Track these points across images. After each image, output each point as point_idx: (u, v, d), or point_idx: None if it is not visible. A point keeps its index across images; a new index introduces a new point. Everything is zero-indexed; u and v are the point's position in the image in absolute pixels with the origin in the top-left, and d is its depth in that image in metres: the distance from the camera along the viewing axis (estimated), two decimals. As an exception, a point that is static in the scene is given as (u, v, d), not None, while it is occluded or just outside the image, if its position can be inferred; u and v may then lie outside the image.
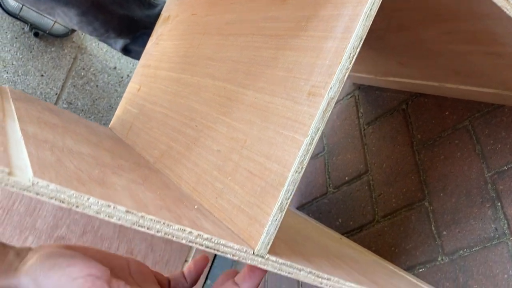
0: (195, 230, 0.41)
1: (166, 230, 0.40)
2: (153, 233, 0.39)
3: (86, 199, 0.36)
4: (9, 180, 0.33)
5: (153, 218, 0.39)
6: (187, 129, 0.65)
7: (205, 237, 0.42)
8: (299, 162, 0.44)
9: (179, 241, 0.40)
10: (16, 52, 1.31)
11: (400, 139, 1.01)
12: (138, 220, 0.38)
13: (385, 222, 0.96)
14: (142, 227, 0.39)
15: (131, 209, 0.38)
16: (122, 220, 0.38)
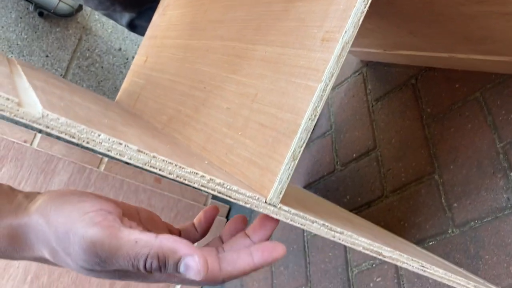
0: (207, 175, 0.40)
1: (178, 172, 0.39)
2: (165, 175, 0.38)
3: (97, 135, 0.35)
4: (18, 110, 0.33)
5: (165, 159, 0.38)
6: (196, 91, 0.64)
7: (218, 181, 0.41)
8: (313, 109, 0.43)
9: (192, 185, 0.39)
10: (21, 33, 1.30)
11: (409, 114, 1.00)
12: (150, 160, 0.37)
13: (394, 197, 0.95)
14: (154, 168, 0.38)
15: (143, 149, 0.37)
16: (133, 159, 0.37)
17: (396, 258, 0.52)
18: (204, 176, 0.40)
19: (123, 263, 0.33)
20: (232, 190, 0.41)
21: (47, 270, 1.22)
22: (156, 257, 0.33)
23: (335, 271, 1.01)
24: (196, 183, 0.40)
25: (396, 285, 0.88)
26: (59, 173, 1.23)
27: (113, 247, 0.33)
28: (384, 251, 0.51)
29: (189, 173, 0.39)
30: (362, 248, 0.50)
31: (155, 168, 0.38)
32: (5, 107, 0.32)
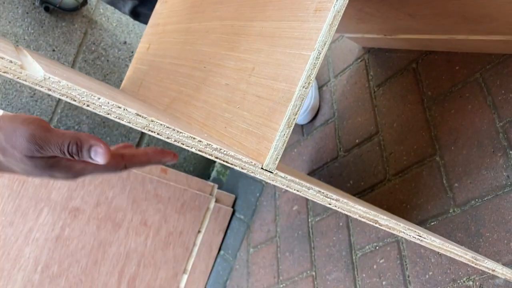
0: (204, 140, 0.42)
1: (176, 136, 0.40)
2: (164, 139, 0.40)
3: (96, 98, 0.37)
4: (21, 72, 0.34)
5: (164, 124, 0.40)
6: (196, 72, 0.66)
7: (215, 147, 0.42)
8: (306, 76, 0.44)
9: (189, 149, 0.41)
10: (28, 27, 1.33)
11: (410, 98, 1.00)
12: (148, 124, 0.39)
13: (396, 180, 0.96)
14: (152, 132, 0.39)
15: (142, 113, 0.39)
16: (132, 122, 0.38)
17: (393, 226, 0.53)
18: (201, 141, 0.41)
19: (54, 149, 0.44)
20: (228, 155, 0.43)
21: (57, 259, 1.25)
22: (75, 143, 0.44)
23: (339, 254, 1.02)
24: (194, 147, 0.41)
25: (399, 266, 0.89)
26: (67, 164, 1.25)
27: (47, 136, 0.44)
28: (380, 219, 0.52)
29: (187, 138, 0.41)
30: (358, 215, 0.51)
31: (153, 132, 0.39)
32: (9, 69, 0.34)
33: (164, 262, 1.34)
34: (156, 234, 1.32)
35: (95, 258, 1.28)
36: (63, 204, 1.25)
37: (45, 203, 1.24)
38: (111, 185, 1.28)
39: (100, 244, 1.28)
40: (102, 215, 1.28)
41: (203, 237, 1.35)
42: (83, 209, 1.27)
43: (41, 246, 1.24)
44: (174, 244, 1.34)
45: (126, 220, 1.30)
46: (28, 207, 1.23)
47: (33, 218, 1.23)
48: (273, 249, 1.19)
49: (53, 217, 1.24)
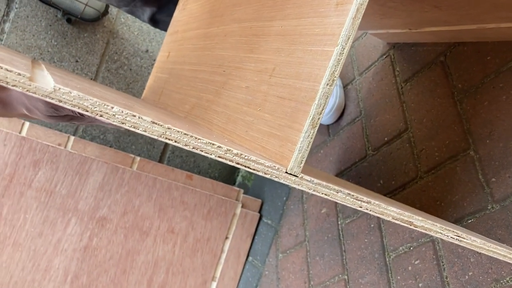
0: (224, 145, 0.40)
1: (194, 143, 0.38)
2: (182, 146, 0.38)
3: (110, 107, 0.35)
4: (30, 85, 0.33)
5: (181, 130, 0.38)
6: (216, 76, 0.64)
7: (235, 152, 0.40)
8: (330, 73, 0.42)
9: (208, 155, 0.39)
10: (51, 39, 1.34)
11: (440, 92, 0.97)
12: (164, 131, 0.37)
13: (429, 177, 0.92)
14: (169, 139, 0.38)
15: (158, 121, 0.37)
16: (148, 131, 0.37)
17: (429, 227, 0.51)
18: (220, 147, 0.40)
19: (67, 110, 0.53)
20: (250, 160, 0.41)
21: (86, 270, 1.25)
22: None
23: (371, 257, 0.99)
24: (213, 154, 0.39)
25: (435, 266, 0.85)
26: (93, 174, 1.25)
27: None
28: (415, 220, 0.50)
29: (205, 144, 0.39)
30: (391, 218, 0.48)
31: (170, 140, 0.38)
32: (17, 82, 0.32)
33: (193, 270, 1.33)
34: (183, 241, 1.31)
35: (124, 267, 1.28)
36: (90, 213, 1.25)
37: (73, 213, 1.24)
38: (137, 193, 1.28)
39: (128, 253, 1.28)
40: (130, 224, 1.28)
41: (231, 243, 1.34)
42: (110, 218, 1.27)
43: (70, 256, 1.24)
44: (202, 251, 1.33)
45: (153, 228, 1.30)
46: (56, 217, 1.23)
47: (61, 229, 1.24)
48: (302, 253, 1.17)
49: (80, 227, 1.25)
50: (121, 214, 1.28)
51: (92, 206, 1.26)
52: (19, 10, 1.30)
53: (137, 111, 0.38)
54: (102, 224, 1.26)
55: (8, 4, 1.31)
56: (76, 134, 1.40)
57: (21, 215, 1.21)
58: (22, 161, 1.21)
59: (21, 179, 1.21)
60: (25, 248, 1.22)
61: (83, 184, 1.25)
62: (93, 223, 1.26)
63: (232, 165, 0.40)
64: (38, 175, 1.22)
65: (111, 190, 1.27)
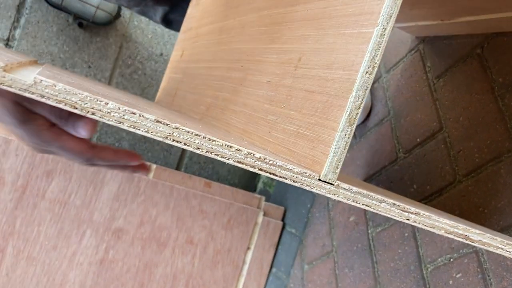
0: (244, 148, 0.33)
1: (208, 146, 0.32)
2: (192, 150, 0.31)
3: (103, 103, 0.29)
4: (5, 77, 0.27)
5: (191, 131, 0.31)
6: (233, 72, 0.58)
7: (258, 156, 0.33)
8: (369, 59, 0.35)
9: (225, 160, 0.32)
10: (63, 45, 1.30)
11: (477, 87, 0.88)
12: (171, 132, 0.31)
13: (469, 180, 0.84)
14: (178, 142, 0.31)
15: (163, 119, 0.31)
16: (151, 131, 0.30)
17: (487, 242, 0.43)
18: (240, 150, 0.33)
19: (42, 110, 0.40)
20: (275, 165, 0.34)
21: (103, 284, 1.19)
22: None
23: (406, 269, 0.91)
24: (232, 158, 0.32)
25: (481, 281, 0.77)
26: (107, 183, 1.20)
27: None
28: (472, 234, 0.42)
29: (222, 147, 0.32)
30: (444, 231, 0.41)
31: (179, 142, 0.31)
32: (-13, 73, 0.26)
33: (214, 282, 1.26)
34: (203, 252, 1.25)
35: (141, 280, 1.22)
36: (105, 225, 1.20)
37: (88, 225, 1.19)
38: (154, 202, 1.22)
39: (145, 265, 1.22)
40: (147, 235, 1.22)
41: (253, 254, 1.27)
42: (126, 230, 1.21)
43: (86, 270, 1.19)
44: (222, 262, 1.26)
45: (171, 239, 1.23)
46: (70, 230, 1.18)
47: (76, 241, 1.18)
48: (330, 265, 1.09)
49: (96, 240, 1.19)
50: (138, 225, 1.22)
51: (108, 217, 1.20)
52: (29, 16, 1.26)
53: (138, 108, 0.31)
54: (118, 235, 1.20)
55: (18, 10, 1.27)
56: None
57: (35, 228, 1.17)
58: (35, 171, 1.17)
59: (34, 190, 1.17)
60: (39, 262, 1.17)
61: (97, 194, 1.20)
62: (109, 234, 1.20)
63: (254, 171, 0.33)
64: (51, 185, 1.17)
65: (126, 200, 1.21)
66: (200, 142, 0.31)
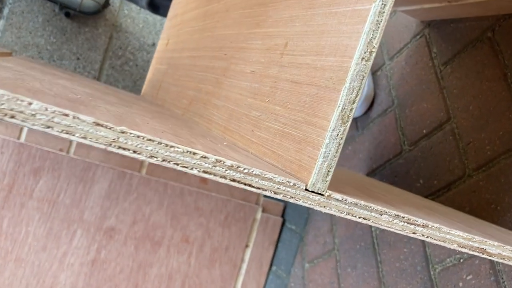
0: (212, 155, 0.27)
1: (164, 154, 0.26)
2: (144, 159, 0.25)
3: (26, 104, 0.23)
4: None
5: (141, 135, 0.25)
6: (216, 62, 0.51)
7: (229, 164, 0.27)
8: (366, 42, 0.29)
9: (188, 171, 0.26)
10: (50, 36, 1.23)
11: (488, 74, 0.82)
12: (116, 137, 0.25)
13: (480, 175, 0.78)
14: (123, 149, 0.25)
15: (105, 122, 0.25)
16: (90, 137, 0.24)
17: (508, 255, 0.37)
18: (206, 158, 0.27)
19: None
20: (252, 174, 0.28)
21: (95, 285, 1.14)
22: None
23: (413, 269, 0.85)
24: (196, 168, 0.26)
25: (493, 283, 0.71)
26: (98, 180, 1.14)
27: None
28: (489, 247, 0.36)
29: (183, 154, 0.26)
30: (457, 245, 0.35)
31: (127, 150, 0.25)
32: None
33: (211, 282, 1.21)
34: (199, 251, 1.19)
35: (135, 281, 1.17)
36: (97, 224, 1.15)
37: (78, 224, 1.14)
38: (147, 200, 1.17)
39: (139, 265, 1.17)
40: (140, 234, 1.17)
41: (252, 252, 1.21)
42: (118, 229, 1.16)
43: (77, 271, 1.14)
44: (220, 261, 1.21)
45: (166, 237, 1.18)
46: (60, 229, 1.13)
47: (66, 242, 1.13)
48: (332, 263, 1.03)
49: (87, 239, 1.14)
50: (131, 224, 1.16)
51: (99, 216, 1.15)
52: (13, 5, 1.20)
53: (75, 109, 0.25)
54: (110, 235, 1.15)
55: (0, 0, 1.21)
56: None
57: (23, 228, 1.12)
58: (22, 169, 1.11)
59: (21, 189, 1.11)
60: (28, 263, 1.12)
61: (87, 193, 1.14)
62: (100, 234, 1.15)
63: (226, 182, 0.27)
64: (39, 184, 1.12)
65: (118, 198, 1.16)
66: (154, 149, 0.25)
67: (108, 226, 1.15)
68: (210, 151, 0.27)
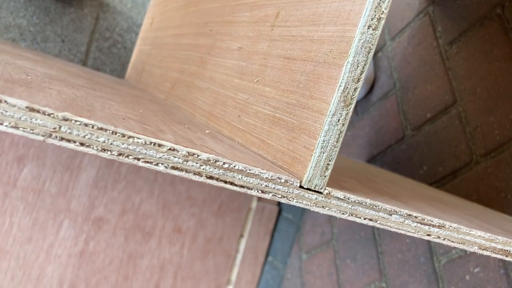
0: (182, 147, 0.22)
1: (121, 146, 0.20)
2: (95, 153, 0.20)
3: None
4: None
5: (90, 123, 0.20)
6: (201, 39, 0.46)
7: (204, 158, 0.22)
8: (374, 7, 0.23)
9: (151, 167, 0.21)
10: (32, 17, 1.17)
11: (497, 53, 0.76)
12: (57, 125, 0.19)
13: (488, 161, 0.73)
14: (67, 141, 0.20)
15: (42, 107, 0.19)
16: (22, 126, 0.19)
17: (536, 260, 0.32)
18: (175, 151, 0.21)
19: None
20: (234, 170, 0.22)
21: (84, 277, 1.10)
22: None
23: (416, 261, 0.80)
24: (161, 163, 0.21)
25: (503, 277, 0.66)
26: (85, 168, 1.09)
27: None
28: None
29: (144, 146, 0.21)
30: (478, 247, 0.30)
31: (71, 142, 0.20)
32: None
33: (205, 273, 1.17)
34: (192, 241, 1.15)
35: (126, 273, 1.12)
36: (84, 214, 1.10)
37: (65, 214, 1.09)
38: (137, 189, 1.12)
39: (129, 257, 1.12)
40: (130, 224, 1.12)
41: (247, 242, 1.17)
42: (107, 219, 1.11)
43: (65, 263, 1.09)
44: (214, 252, 1.16)
45: (157, 228, 1.13)
46: (46, 220, 1.08)
47: (53, 233, 1.08)
48: (330, 254, 0.99)
49: (75, 230, 1.09)
50: (120, 214, 1.12)
51: (87, 206, 1.10)
52: (-7, -16, 1.13)
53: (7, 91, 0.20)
54: (98, 225, 1.10)
55: (-20, -22, 1.14)
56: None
57: (7, 219, 1.07)
58: (4, 157, 1.06)
59: (4, 178, 1.06)
60: (13, 255, 1.07)
61: (74, 181, 1.09)
62: (88, 224, 1.10)
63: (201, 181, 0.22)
64: (23, 172, 1.07)
65: (106, 186, 1.11)
66: (108, 140, 0.20)
67: (97, 216, 1.10)
68: (182, 142, 0.22)
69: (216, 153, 0.22)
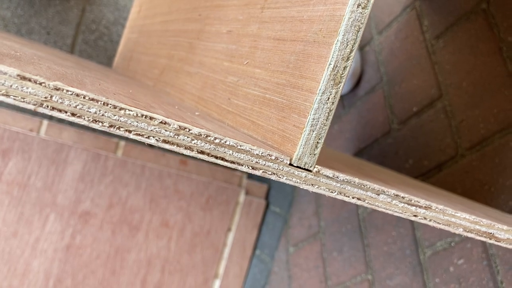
0: (174, 121, 0.22)
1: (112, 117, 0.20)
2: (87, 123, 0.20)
3: None
4: None
5: (82, 93, 0.20)
6: (190, 24, 0.46)
7: (195, 132, 0.22)
8: (363, -15, 0.23)
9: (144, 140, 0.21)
10: (16, 8, 1.16)
11: (483, 48, 0.77)
12: (48, 95, 0.19)
13: (473, 155, 0.74)
14: (59, 111, 0.20)
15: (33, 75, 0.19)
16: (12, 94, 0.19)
17: (519, 241, 0.32)
18: (166, 124, 0.21)
19: None
20: (225, 145, 0.23)
21: (70, 272, 1.09)
22: None
23: (401, 253, 0.81)
24: (153, 136, 0.21)
25: (486, 268, 0.68)
26: (71, 162, 1.08)
27: None
28: (498, 231, 0.31)
29: (136, 118, 0.21)
30: (462, 229, 0.30)
31: (62, 111, 0.20)
32: None
33: (192, 267, 1.17)
34: (180, 235, 1.15)
35: (113, 267, 1.12)
36: (71, 208, 1.09)
37: (51, 208, 1.08)
38: (123, 183, 1.11)
39: (117, 251, 1.12)
40: (117, 218, 1.12)
41: (235, 235, 1.17)
42: (94, 213, 1.10)
43: (51, 257, 1.08)
44: (201, 245, 1.16)
45: (144, 222, 1.13)
46: (32, 214, 1.07)
47: (39, 227, 1.07)
48: (317, 247, 0.99)
49: (61, 224, 1.08)
50: (107, 208, 1.11)
51: (73, 200, 1.09)
52: (-22, -25, 1.12)
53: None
54: (85, 219, 1.10)
55: (-36, -32, 1.13)
56: (51, 118, 1.23)
57: (-9, 213, 1.05)
58: (-11, 150, 1.05)
59: (-11, 171, 1.05)
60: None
61: (60, 175, 1.08)
62: (75, 218, 1.09)
63: (192, 155, 0.22)
64: (8, 166, 1.06)
65: (93, 180, 1.10)
66: (99, 111, 0.20)
67: (83, 210, 1.09)
68: (173, 117, 0.22)
69: (207, 129, 0.23)
